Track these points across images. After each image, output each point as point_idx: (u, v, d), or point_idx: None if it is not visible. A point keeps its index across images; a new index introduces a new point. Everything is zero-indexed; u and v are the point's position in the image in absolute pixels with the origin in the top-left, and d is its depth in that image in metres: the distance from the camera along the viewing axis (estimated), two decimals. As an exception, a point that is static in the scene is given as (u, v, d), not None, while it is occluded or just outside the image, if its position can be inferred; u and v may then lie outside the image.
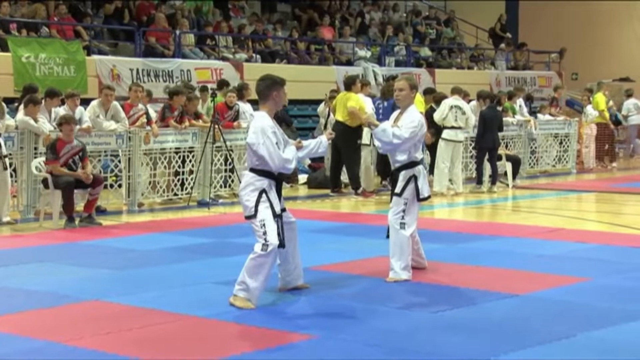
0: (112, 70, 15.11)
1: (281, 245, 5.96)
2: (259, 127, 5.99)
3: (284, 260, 6.36)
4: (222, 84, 14.11)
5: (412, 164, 6.88)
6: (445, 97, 13.98)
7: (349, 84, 13.32)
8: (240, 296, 5.93)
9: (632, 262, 7.66)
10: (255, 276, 5.90)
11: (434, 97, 14.45)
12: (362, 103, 12.88)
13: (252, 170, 6.06)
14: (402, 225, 6.81)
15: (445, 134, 13.43)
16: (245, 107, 13.61)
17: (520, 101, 16.99)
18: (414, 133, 6.79)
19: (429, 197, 6.99)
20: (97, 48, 15.80)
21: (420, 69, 20.43)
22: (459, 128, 13.42)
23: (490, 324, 5.53)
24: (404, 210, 6.80)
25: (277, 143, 6.00)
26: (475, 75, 21.81)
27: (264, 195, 5.96)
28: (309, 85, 17.24)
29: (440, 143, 13.45)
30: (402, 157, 6.88)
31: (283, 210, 6.14)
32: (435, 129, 13.58)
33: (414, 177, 6.85)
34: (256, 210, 5.93)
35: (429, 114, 13.53)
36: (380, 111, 13.12)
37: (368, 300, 6.16)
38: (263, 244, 5.90)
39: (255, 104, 14.74)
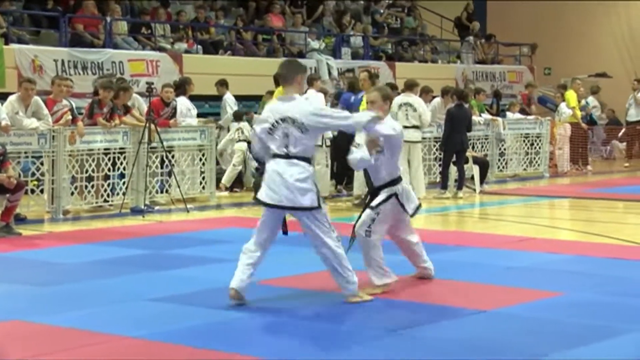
0: (34, 61, 14.92)
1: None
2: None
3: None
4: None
5: (392, 182, 7.09)
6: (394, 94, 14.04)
7: (310, 80, 13.35)
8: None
9: (607, 274, 7.82)
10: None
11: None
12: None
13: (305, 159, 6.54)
14: (368, 233, 6.97)
15: None
16: (186, 103, 13.58)
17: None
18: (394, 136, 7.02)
19: (418, 207, 7.27)
20: (16, 36, 15.58)
21: (379, 62, 20.56)
22: (414, 127, 13.51)
23: (454, 343, 5.59)
24: (373, 220, 6.99)
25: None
26: (439, 69, 22.03)
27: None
28: (256, 80, 17.21)
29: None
30: (382, 174, 7.07)
31: None
32: None
33: (395, 195, 7.06)
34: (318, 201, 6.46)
35: None
36: (355, 107, 13.19)
37: (320, 318, 6.19)
38: (336, 236, 6.54)
39: (197, 99, 14.90)
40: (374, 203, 7.07)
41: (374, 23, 22.62)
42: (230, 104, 15.51)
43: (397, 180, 7.12)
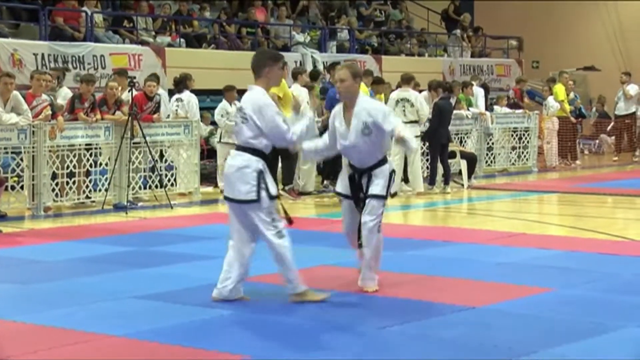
0: (13, 55, 14.83)
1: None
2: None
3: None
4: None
5: (386, 159, 7.01)
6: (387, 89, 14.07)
7: (295, 73, 13.36)
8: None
9: (597, 270, 7.86)
10: None
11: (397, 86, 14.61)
12: (287, 89, 12.88)
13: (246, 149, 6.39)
14: (380, 228, 6.87)
15: None
16: (193, 99, 13.67)
17: (477, 90, 17.24)
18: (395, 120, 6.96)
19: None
20: (-5, 29, 15.50)
21: (365, 56, 20.58)
22: (411, 122, 13.52)
23: (442, 340, 5.61)
24: (382, 213, 6.89)
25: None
26: (426, 62, 22.06)
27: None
28: (240, 74, 17.10)
29: (392, 141, 13.51)
30: (379, 154, 6.96)
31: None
32: None
33: (393, 172, 7.02)
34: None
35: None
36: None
37: (305, 316, 6.19)
38: (278, 231, 6.38)
39: (198, 94, 14.86)
40: (380, 190, 6.82)
41: (359, 16, 22.62)
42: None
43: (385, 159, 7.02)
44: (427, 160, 14.60)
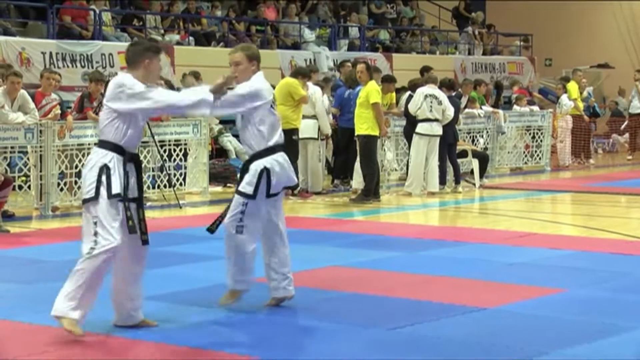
0: (21, 53, 14.90)
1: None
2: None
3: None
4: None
5: (266, 152, 6.25)
6: (418, 84, 14.01)
7: (304, 75, 13.34)
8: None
9: (610, 270, 7.84)
10: None
11: (409, 83, 14.57)
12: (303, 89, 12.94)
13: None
14: (239, 229, 6.21)
15: (420, 127, 13.46)
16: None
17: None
18: (251, 94, 6.11)
19: (295, 186, 6.47)
20: (2, 28, 15.55)
21: (376, 54, 20.57)
22: (435, 120, 13.49)
23: (453, 342, 5.60)
24: (242, 212, 6.20)
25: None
26: (437, 60, 22.00)
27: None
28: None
29: (414, 138, 13.53)
30: (254, 142, 6.23)
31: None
32: (410, 122, 13.74)
33: (266, 171, 6.20)
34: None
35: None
36: (352, 102, 13.20)
37: (316, 316, 6.18)
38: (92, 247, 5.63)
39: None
40: (242, 187, 6.20)
41: (370, 14, 22.61)
42: None
43: (272, 150, 6.25)
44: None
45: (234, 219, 6.21)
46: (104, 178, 5.62)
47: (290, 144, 13.09)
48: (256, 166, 6.20)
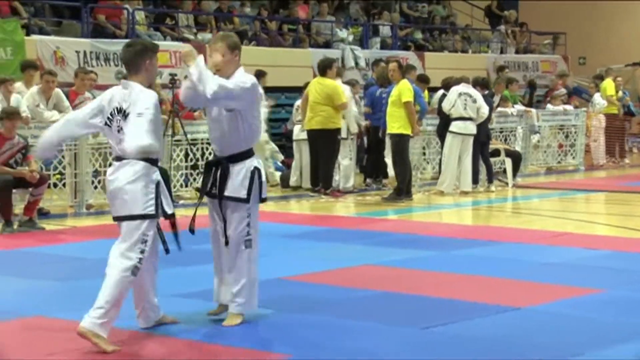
0: (56, 52, 15.01)
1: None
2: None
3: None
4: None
5: (251, 152, 5.89)
6: (451, 82, 13.95)
7: (324, 67, 13.30)
8: None
9: (647, 270, 7.75)
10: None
11: (442, 82, 14.53)
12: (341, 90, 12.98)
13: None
14: (248, 243, 5.85)
15: (454, 126, 13.40)
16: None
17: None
18: (243, 90, 5.74)
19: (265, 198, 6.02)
20: (37, 27, 15.67)
21: (408, 52, 20.50)
22: (469, 119, 13.42)
23: (487, 341, 5.56)
24: (249, 224, 5.84)
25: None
26: (470, 59, 21.93)
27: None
28: (281, 71, 17.23)
29: (448, 137, 13.46)
30: (241, 139, 5.80)
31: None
32: (443, 121, 13.69)
33: (257, 172, 5.83)
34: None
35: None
36: (384, 101, 13.18)
37: (348, 315, 6.16)
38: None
39: (272, 91, 14.96)
40: (241, 193, 5.77)
41: (402, 13, 22.55)
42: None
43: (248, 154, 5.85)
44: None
45: (242, 234, 5.84)
46: (161, 197, 5.65)
47: (335, 143, 13.15)
48: (244, 167, 5.80)
